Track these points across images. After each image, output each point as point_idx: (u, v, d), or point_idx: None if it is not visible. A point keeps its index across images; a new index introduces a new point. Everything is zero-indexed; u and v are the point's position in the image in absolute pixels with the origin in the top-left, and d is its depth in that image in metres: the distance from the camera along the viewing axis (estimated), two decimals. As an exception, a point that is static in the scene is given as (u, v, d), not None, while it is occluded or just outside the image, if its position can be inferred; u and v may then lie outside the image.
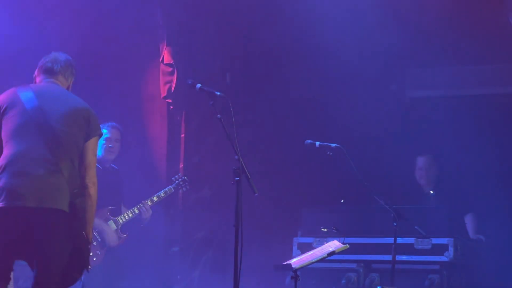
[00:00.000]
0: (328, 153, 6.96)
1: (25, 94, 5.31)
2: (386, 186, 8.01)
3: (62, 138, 5.20)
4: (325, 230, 7.27)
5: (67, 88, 5.62)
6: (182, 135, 9.34)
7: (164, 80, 9.20)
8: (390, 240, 6.63)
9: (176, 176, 8.06)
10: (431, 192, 8.32)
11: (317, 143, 7.00)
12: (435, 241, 7.07)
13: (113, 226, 7.65)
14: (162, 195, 7.90)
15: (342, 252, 6.18)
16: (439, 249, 7.04)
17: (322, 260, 6.09)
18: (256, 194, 5.41)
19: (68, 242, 5.12)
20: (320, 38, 8.61)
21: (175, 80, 9.09)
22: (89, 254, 5.31)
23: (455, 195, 8.15)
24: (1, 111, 5.28)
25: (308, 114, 9.33)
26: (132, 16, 9.18)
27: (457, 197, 8.13)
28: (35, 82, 5.61)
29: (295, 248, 7.61)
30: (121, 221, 7.68)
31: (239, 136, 5.38)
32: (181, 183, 8.02)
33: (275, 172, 9.39)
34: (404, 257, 7.00)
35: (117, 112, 8.79)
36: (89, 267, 5.28)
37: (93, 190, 5.27)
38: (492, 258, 7.69)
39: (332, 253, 6.09)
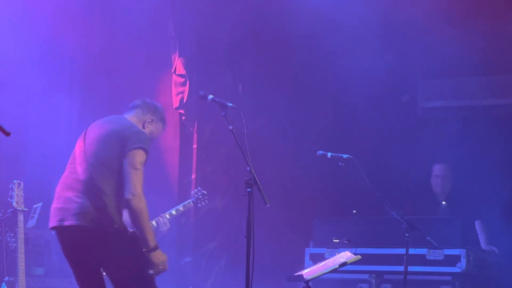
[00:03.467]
0: (340, 163, 6.97)
1: (85, 128, 5.83)
2: (398, 196, 8.01)
3: (90, 162, 5.57)
4: (337, 240, 7.28)
5: (143, 122, 5.90)
6: (194, 146, 9.35)
7: (176, 91, 9.23)
8: (402, 250, 6.62)
9: (196, 190, 7.96)
10: (444, 202, 8.32)
11: (329, 154, 7.00)
12: (447, 252, 7.07)
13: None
14: (181, 209, 7.80)
15: (354, 262, 6.17)
16: (452, 260, 7.03)
17: (334, 271, 6.09)
18: (268, 205, 5.43)
19: (112, 253, 5.48)
20: (333, 49, 8.64)
21: (187, 90, 9.11)
22: (149, 259, 5.53)
23: (466, 205, 8.15)
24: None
25: (320, 125, 9.34)
26: (145, 27, 9.22)
27: (468, 206, 8.13)
28: None
29: (307, 258, 7.61)
30: None
31: (250, 146, 5.40)
32: (200, 197, 7.92)
33: (286, 183, 9.39)
34: (416, 268, 6.99)
35: (130, 123, 8.81)
36: (152, 271, 5.55)
37: (134, 202, 5.45)
38: (504, 269, 7.67)
39: (344, 264, 6.08)
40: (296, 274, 6.10)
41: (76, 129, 9.31)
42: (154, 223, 7.63)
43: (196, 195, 7.85)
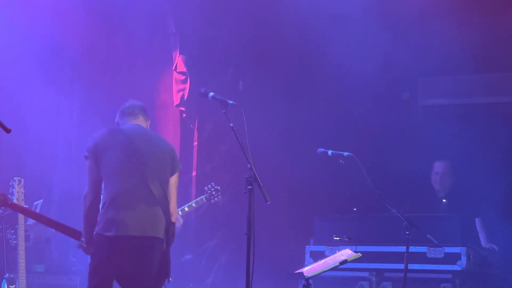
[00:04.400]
0: (341, 161, 6.98)
1: (121, 136, 5.88)
2: (398, 194, 8.01)
3: (158, 176, 5.83)
4: (338, 238, 7.27)
5: (147, 127, 6.16)
6: (195, 143, 9.36)
7: (177, 88, 9.23)
8: (403, 248, 6.62)
9: (209, 186, 7.92)
10: (444, 200, 8.31)
11: (330, 152, 7.02)
12: (447, 250, 7.06)
13: None
14: (194, 205, 7.77)
15: (355, 260, 6.18)
16: (452, 258, 7.02)
17: (334, 268, 6.09)
18: (268, 202, 5.44)
19: (167, 262, 5.87)
20: (333, 47, 8.63)
21: (188, 88, 9.12)
22: (169, 268, 5.89)
23: (467, 203, 8.14)
24: (99, 151, 5.81)
25: (321, 122, 9.33)
26: (146, 24, 9.22)
27: (468, 204, 8.12)
28: (118, 125, 6.13)
29: (307, 256, 7.61)
30: None
31: (251, 144, 5.40)
32: (213, 192, 7.87)
33: (287, 180, 9.38)
34: (416, 266, 6.99)
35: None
36: (170, 278, 5.89)
37: (174, 218, 5.92)
38: (505, 267, 7.67)
39: (344, 262, 6.09)
40: (297, 271, 6.10)
41: (77, 126, 9.32)
42: None
43: (209, 191, 7.82)
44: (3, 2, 8.63)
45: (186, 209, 7.72)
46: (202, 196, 7.82)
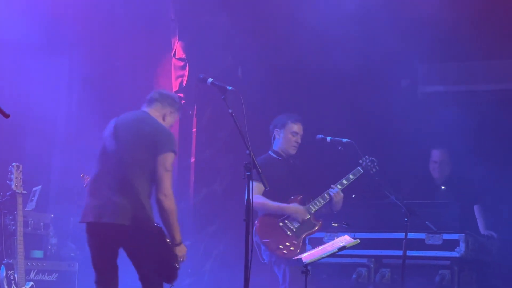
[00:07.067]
0: (340, 148, 6.99)
1: (110, 124, 6.07)
2: (397, 181, 8.00)
3: (125, 162, 5.83)
4: (336, 225, 7.27)
5: (163, 115, 6.17)
6: (194, 130, 9.34)
7: (176, 75, 9.22)
8: (401, 235, 6.63)
9: (364, 158, 7.80)
10: (443, 187, 8.32)
11: (329, 138, 7.04)
12: (446, 236, 7.07)
13: (306, 215, 7.57)
14: (351, 177, 7.51)
15: (353, 247, 6.17)
16: (450, 245, 7.03)
17: (332, 255, 6.09)
18: (267, 188, 5.44)
19: (145, 248, 5.81)
20: (333, 33, 8.61)
21: (186, 74, 9.10)
22: (175, 253, 5.93)
23: (465, 190, 8.14)
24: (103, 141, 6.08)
25: (320, 109, 9.32)
26: (145, 10, 9.20)
27: (467, 191, 8.13)
28: None
29: (306, 242, 7.61)
30: (313, 208, 7.47)
31: (250, 130, 5.39)
32: (369, 163, 7.74)
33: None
34: (415, 253, 7.00)
35: (129, 106, 8.80)
36: (177, 265, 5.96)
37: (166, 202, 5.86)
38: (503, 254, 7.68)
39: (342, 248, 6.09)
40: (295, 258, 6.10)
41: (75, 111, 9.31)
42: (327, 195, 7.44)
43: (364, 162, 7.67)
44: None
45: (345, 182, 7.51)
46: (358, 168, 7.65)
